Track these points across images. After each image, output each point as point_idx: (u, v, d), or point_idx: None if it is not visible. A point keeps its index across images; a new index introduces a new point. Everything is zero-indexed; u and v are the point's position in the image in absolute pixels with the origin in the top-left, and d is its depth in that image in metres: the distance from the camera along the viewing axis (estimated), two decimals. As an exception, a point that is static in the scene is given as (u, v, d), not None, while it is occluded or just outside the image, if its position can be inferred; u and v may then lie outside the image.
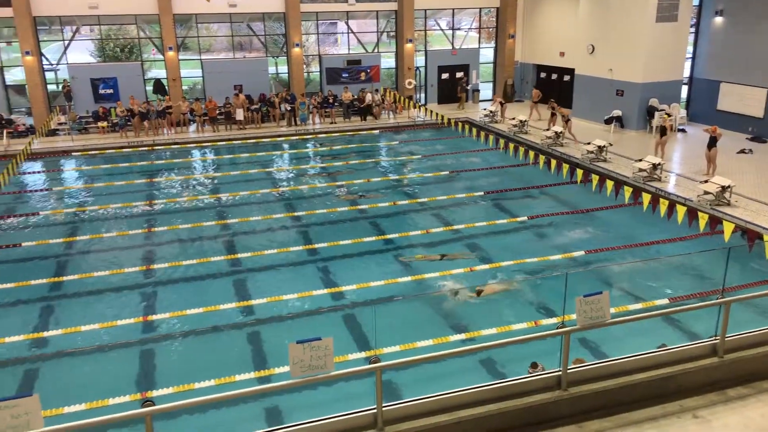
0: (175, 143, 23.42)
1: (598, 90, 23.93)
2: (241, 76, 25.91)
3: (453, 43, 29.95)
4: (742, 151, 19.71)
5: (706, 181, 15.57)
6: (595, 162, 18.74)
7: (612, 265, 12.90)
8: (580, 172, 16.21)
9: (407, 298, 11.78)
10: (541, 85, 28.01)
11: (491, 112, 25.19)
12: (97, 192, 18.42)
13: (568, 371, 4.89)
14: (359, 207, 16.71)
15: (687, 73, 24.01)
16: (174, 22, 25.14)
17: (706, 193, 15.00)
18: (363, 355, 9.43)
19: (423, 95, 29.59)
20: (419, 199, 17.27)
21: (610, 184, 15.26)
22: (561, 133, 21.13)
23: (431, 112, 24.67)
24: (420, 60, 29.22)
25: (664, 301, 11.05)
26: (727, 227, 12.26)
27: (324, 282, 12.31)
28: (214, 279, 12.63)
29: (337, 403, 6.83)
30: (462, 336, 10.26)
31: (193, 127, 24.97)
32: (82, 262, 13.57)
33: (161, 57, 25.86)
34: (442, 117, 23.56)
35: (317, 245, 14.07)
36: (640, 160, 17.35)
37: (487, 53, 30.91)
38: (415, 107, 26.82)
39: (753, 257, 12.27)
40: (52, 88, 25.45)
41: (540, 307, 11.09)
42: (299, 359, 4.35)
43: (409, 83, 28.26)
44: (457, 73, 29.20)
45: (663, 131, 18.48)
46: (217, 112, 24.66)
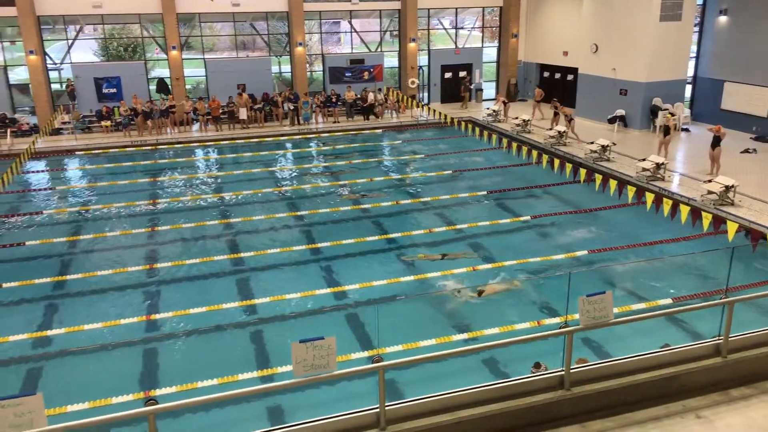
0: (178, 142, 23.46)
1: (602, 89, 23.87)
2: (244, 75, 25.93)
3: (456, 43, 29.91)
4: (746, 150, 19.65)
5: (710, 180, 15.52)
6: (598, 161, 18.71)
7: (615, 264, 12.88)
8: (583, 172, 16.18)
9: (410, 297, 11.78)
10: (544, 84, 28.00)
11: (494, 111, 25.14)
12: (101, 191, 18.46)
13: (571, 371, 4.88)
14: (362, 206, 16.71)
15: (691, 72, 23.95)
16: (177, 22, 25.17)
17: (710, 192, 14.95)
18: (365, 354, 9.42)
19: (426, 94, 29.56)
20: (422, 199, 17.26)
21: (613, 183, 15.22)
22: (564, 132, 21.09)
23: (434, 111, 24.66)
24: (423, 59, 29.19)
25: (668, 300, 11.03)
26: (731, 227, 12.23)
27: (327, 281, 12.33)
28: (217, 278, 12.66)
29: (339, 402, 6.86)
30: (465, 336, 10.26)
31: (196, 126, 25.03)
32: (85, 261, 13.60)
33: (165, 56, 25.91)
34: (445, 116, 23.54)
35: (320, 244, 14.08)
36: (644, 160, 17.31)
37: (490, 52, 30.87)
38: (418, 106, 26.80)
39: (757, 257, 12.27)
40: (55, 87, 25.49)
41: (543, 306, 11.08)
42: (302, 358, 4.34)
43: (412, 82, 28.23)
44: (460, 73, 29.16)
45: (666, 131, 18.44)
46: (221, 111, 24.72)
